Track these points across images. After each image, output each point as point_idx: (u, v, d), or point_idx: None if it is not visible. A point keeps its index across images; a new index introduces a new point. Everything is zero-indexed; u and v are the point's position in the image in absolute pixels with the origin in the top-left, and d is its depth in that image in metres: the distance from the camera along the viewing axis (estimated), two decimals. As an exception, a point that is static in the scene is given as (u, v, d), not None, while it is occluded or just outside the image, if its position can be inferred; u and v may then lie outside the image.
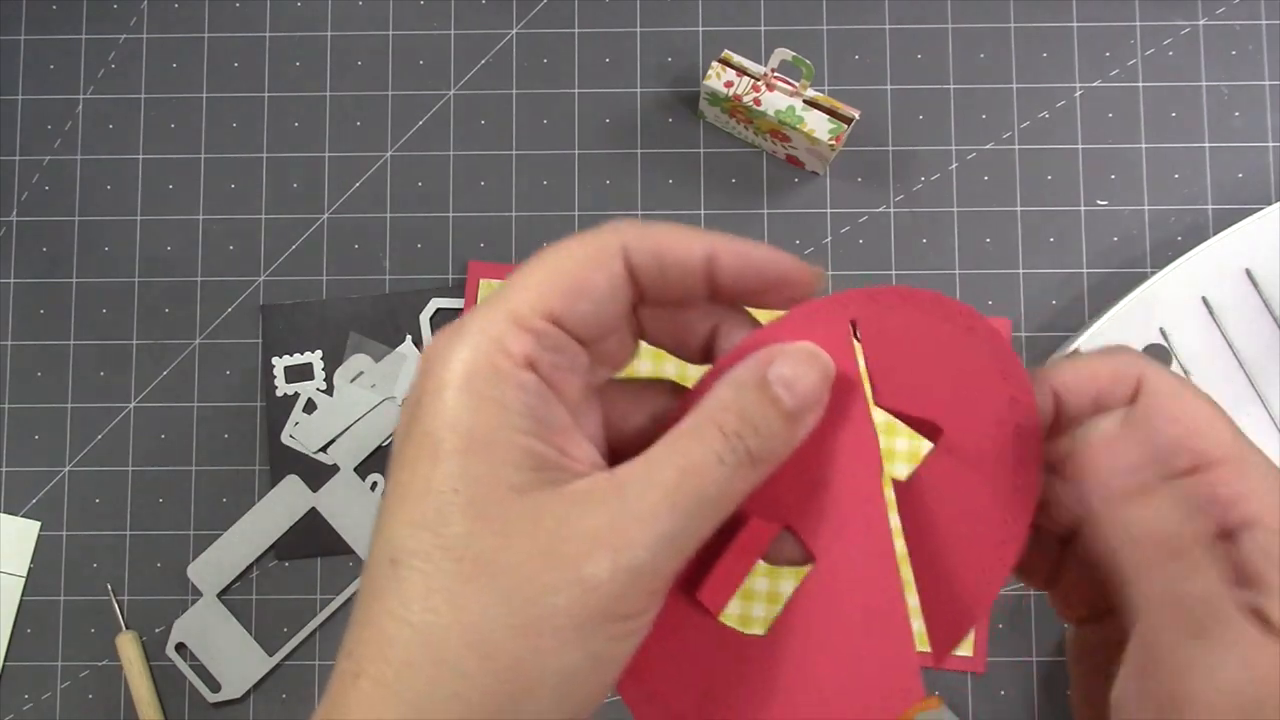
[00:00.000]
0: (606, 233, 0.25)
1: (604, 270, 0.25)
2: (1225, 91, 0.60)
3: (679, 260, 0.25)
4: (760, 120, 0.57)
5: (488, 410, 0.23)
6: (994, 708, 0.56)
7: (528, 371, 0.24)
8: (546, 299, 0.24)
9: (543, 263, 0.25)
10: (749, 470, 0.24)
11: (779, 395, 0.25)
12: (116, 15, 0.62)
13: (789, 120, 0.55)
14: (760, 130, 0.58)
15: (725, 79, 0.56)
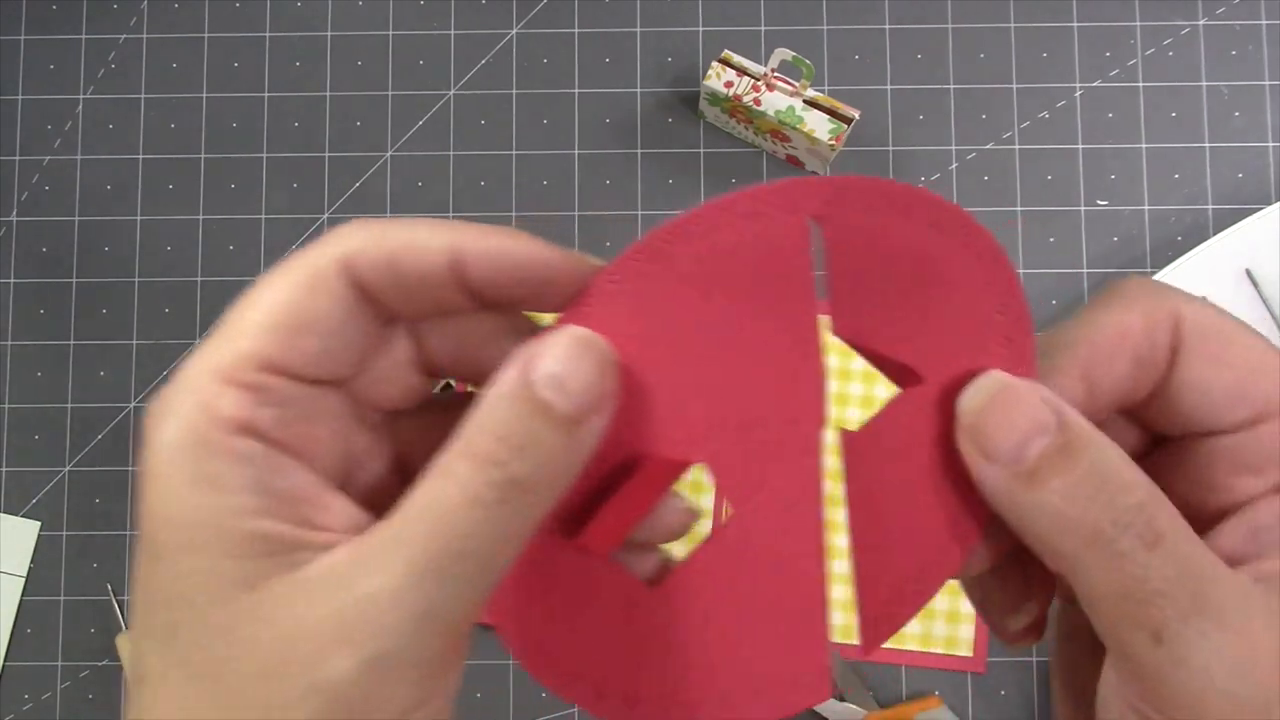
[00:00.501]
0: (323, 247, 0.21)
1: (324, 295, 0.20)
2: (1225, 91, 0.60)
3: (415, 267, 0.21)
4: (760, 120, 0.57)
5: (201, 494, 0.19)
6: (994, 708, 0.56)
7: (245, 439, 0.20)
8: (260, 344, 0.20)
9: (254, 298, 0.21)
10: (523, 503, 0.20)
11: (548, 400, 0.20)
12: (116, 15, 0.62)
13: (789, 120, 0.55)
14: (760, 130, 0.58)
15: (725, 79, 0.56)
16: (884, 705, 0.56)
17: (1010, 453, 0.20)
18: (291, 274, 0.20)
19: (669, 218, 0.21)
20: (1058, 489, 0.20)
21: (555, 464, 0.20)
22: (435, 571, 0.19)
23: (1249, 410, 0.21)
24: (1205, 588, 0.19)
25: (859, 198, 0.21)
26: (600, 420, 0.20)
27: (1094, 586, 0.20)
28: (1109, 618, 0.20)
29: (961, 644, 0.56)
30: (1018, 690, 0.57)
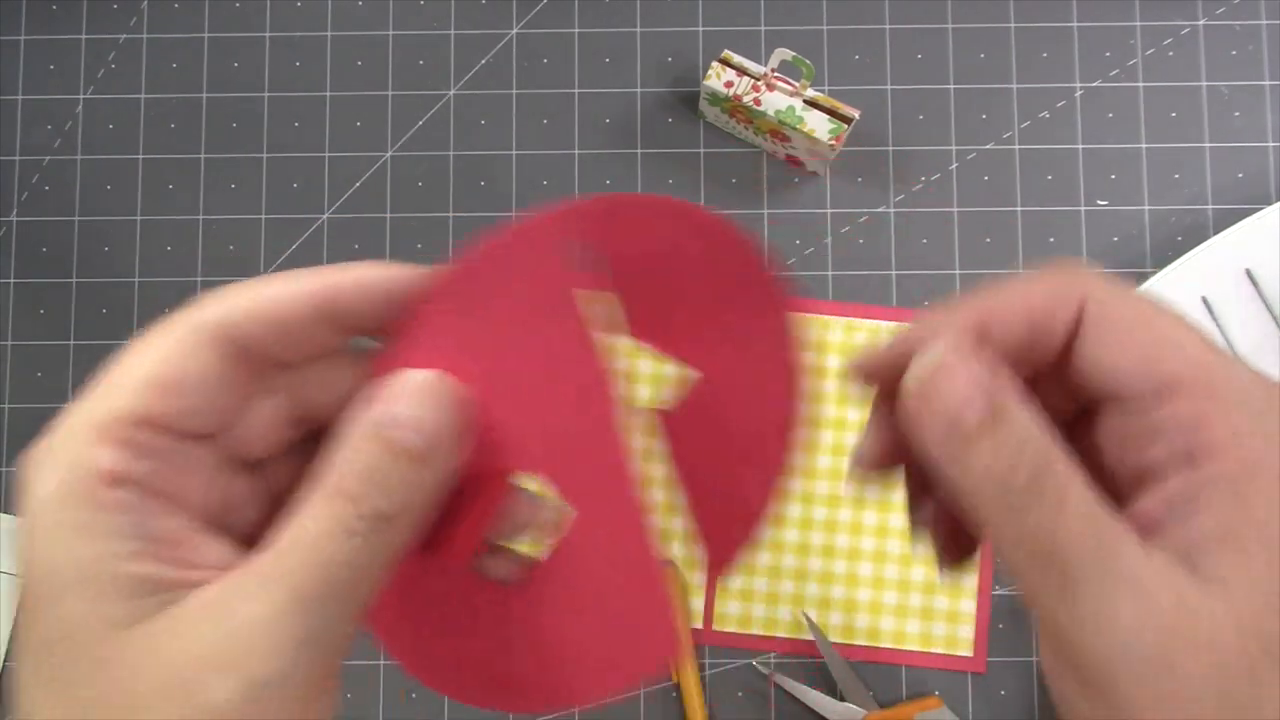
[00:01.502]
0: (198, 310, 0.22)
1: (195, 357, 0.22)
2: (1225, 91, 0.60)
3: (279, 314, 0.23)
4: (760, 120, 0.57)
5: (78, 543, 0.20)
6: (994, 708, 0.56)
7: (120, 489, 0.21)
8: (134, 401, 0.22)
9: (131, 358, 0.22)
10: (389, 532, 0.21)
11: (400, 439, 0.22)
12: (116, 15, 0.62)
13: (789, 120, 0.55)
14: (760, 130, 0.58)
15: (725, 79, 0.56)
16: (884, 705, 0.56)
17: (950, 415, 0.22)
18: (166, 336, 0.22)
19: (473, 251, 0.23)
20: (987, 448, 0.22)
21: (415, 496, 0.22)
22: (311, 599, 0.20)
23: (1153, 384, 0.23)
24: (1107, 550, 0.21)
25: (629, 213, 0.24)
26: (453, 454, 0.23)
27: (1010, 538, 0.22)
28: (1022, 569, 0.22)
29: (961, 644, 0.56)
30: (1018, 690, 0.57)
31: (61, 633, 0.20)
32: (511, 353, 0.24)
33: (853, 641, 0.56)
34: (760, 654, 0.57)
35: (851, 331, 0.58)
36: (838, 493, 0.57)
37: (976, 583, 0.57)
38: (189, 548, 0.22)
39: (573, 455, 0.25)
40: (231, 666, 0.20)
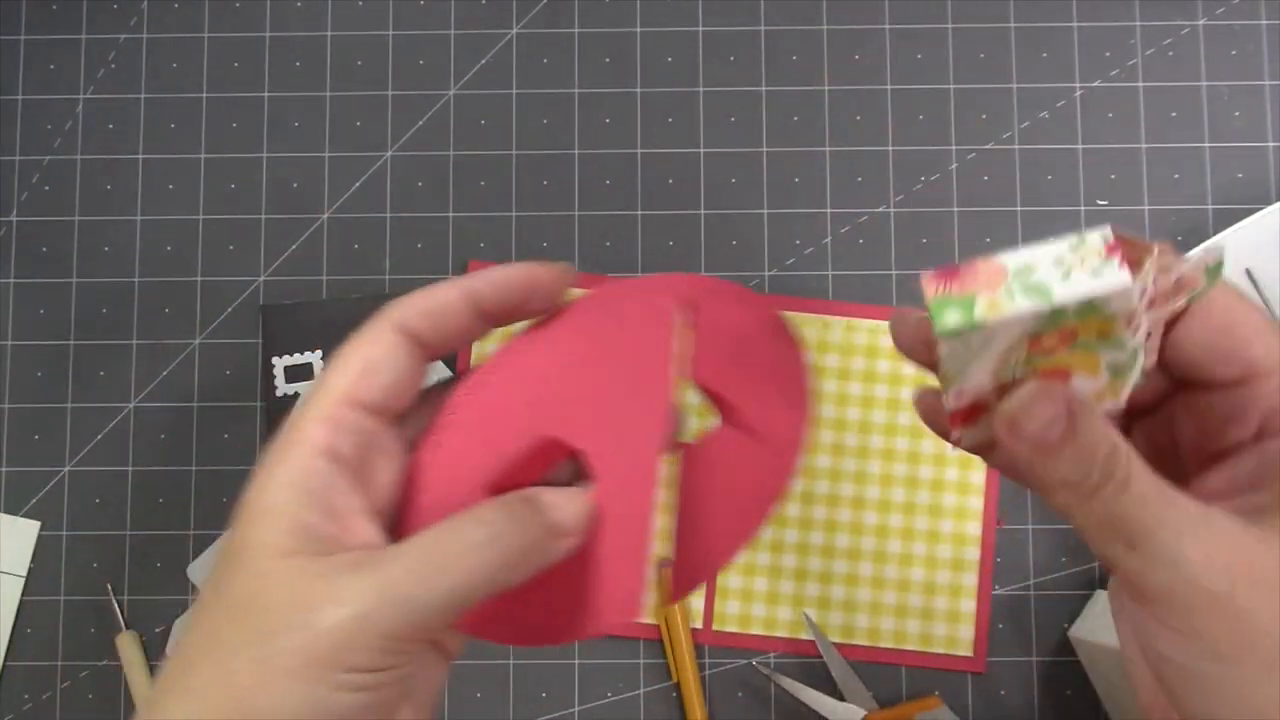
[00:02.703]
0: (379, 317, 0.30)
1: (380, 345, 0.29)
2: (1225, 91, 0.60)
3: (443, 309, 0.30)
4: (1075, 354, 0.28)
5: (278, 491, 0.27)
6: (994, 708, 0.56)
7: (322, 459, 0.28)
8: (340, 385, 0.29)
9: (335, 359, 0.29)
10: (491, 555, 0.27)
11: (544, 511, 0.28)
12: (116, 15, 0.62)
13: (1129, 363, 0.28)
14: (1029, 365, 0.28)
15: (1145, 283, 0.26)
16: (884, 705, 0.56)
17: (1035, 435, 0.27)
18: (360, 337, 0.29)
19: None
20: (1066, 458, 0.27)
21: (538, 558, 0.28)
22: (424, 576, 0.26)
23: (1236, 369, 0.27)
24: (1165, 511, 0.26)
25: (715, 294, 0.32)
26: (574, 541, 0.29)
27: (1086, 520, 0.27)
28: (1097, 541, 0.27)
29: (961, 644, 0.56)
30: (1018, 690, 0.57)
31: (235, 549, 0.27)
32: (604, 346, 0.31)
33: (853, 641, 0.56)
34: (760, 654, 0.57)
35: (851, 331, 0.58)
36: (838, 493, 0.57)
37: (976, 583, 0.57)
38: (351, 521, 0.28)
39: (616, 441, 0.30)
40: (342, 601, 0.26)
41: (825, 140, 0.60)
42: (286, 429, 0.28)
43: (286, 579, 0.26)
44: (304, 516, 0.27)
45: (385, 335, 0.29)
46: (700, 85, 0.61)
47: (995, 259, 0.26)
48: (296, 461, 0.28)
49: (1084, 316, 0.26)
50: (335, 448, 0.28)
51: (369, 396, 0.29)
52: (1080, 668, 0.56)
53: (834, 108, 0.60)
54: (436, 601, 0.26)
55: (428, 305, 0.30)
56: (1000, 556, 0.57)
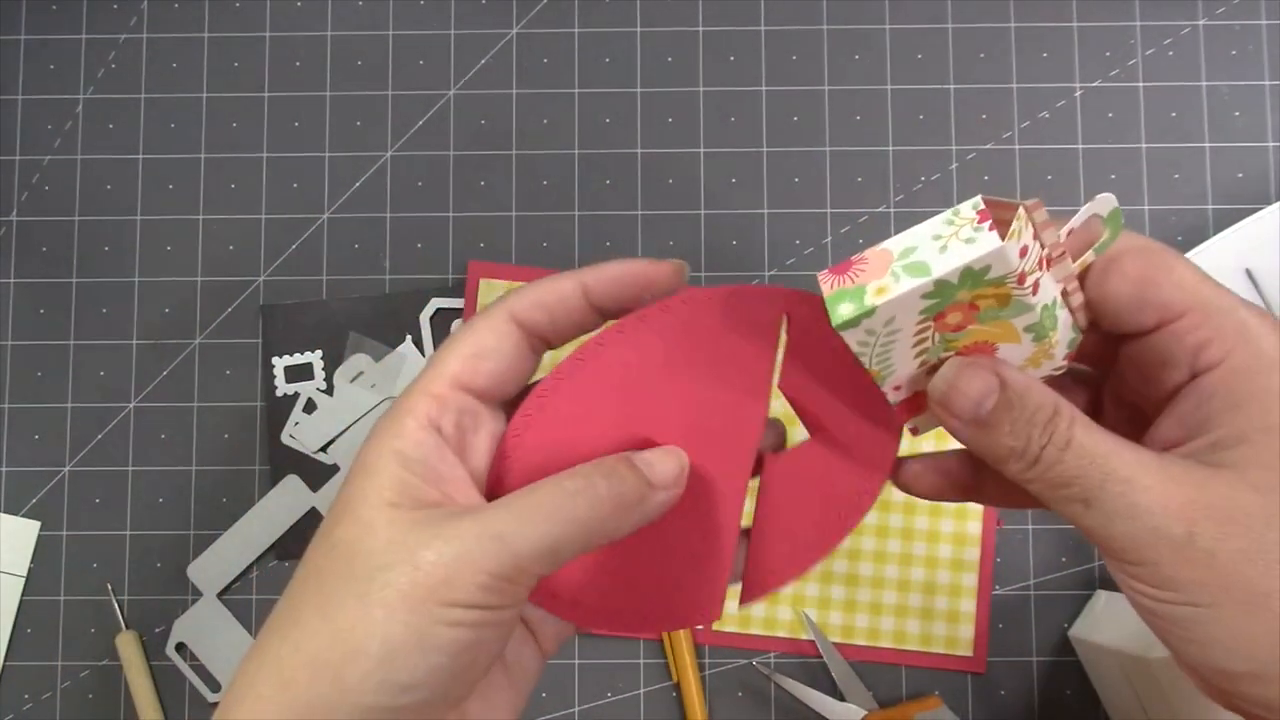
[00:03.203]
0: (495, 304, 0.31)
1: (494, 331, 0.30)
2: (1225, 91, 0.60)
3: (559, 300, 0.31)
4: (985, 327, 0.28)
5: (384, 455, 0.29)
6: (994, 708, 0.56)
7: (427, 431, 0.29)
8: (450, 366, 0.30)
9: (449, 341, 0.31)
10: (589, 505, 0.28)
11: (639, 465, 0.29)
12: (116, 15, 0.62)
13: (1045, 324, 0.28)
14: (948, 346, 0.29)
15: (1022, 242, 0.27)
16: (884, 705, 0.56)
17: (970, 412, 0.28)
18: (475, 322, 0.31)
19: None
20: (1005, 429, 0.27)
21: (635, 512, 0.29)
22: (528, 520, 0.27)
23: (1153, 314, 0.27)
24: (1110, 464, 0.26)
25: (814, 308, 0.32)
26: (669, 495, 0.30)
27: (1040, 485, 0.27)
28: (1055, 504, 0.27)
29: (961, 644, 0.56)
30: (1018, 690, 0.57)
31: (344, 500, 0.28)
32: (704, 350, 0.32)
33: (853, 641, 0.56)
34: (760, 654, 0.57)
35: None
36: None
37: (976, 583, 0.57)
38: (454, 488, 0.29)
39: (708, 448, 0.31)
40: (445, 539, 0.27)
41: (825, 140, 0.60)
42: (396, 403, 0.30)
43: (390, 525, 0.27)
44: (408, 478, 0.28)
45: (499, 323, 0.30)
46: (700, 85, 0.61)
47: (882, 245, 0.27)
48: (403, 431, 0.29)
49: (974, 286, 0.26)
50: (439, 422, 0.29)
51: (475, 381, 0.30)
52: (1080, 668, 0.56)
53: (834, 108, 0.60)
54: (536, 545, 0.27)
55: (543, 297, 0.31)
56: (1000, 556, 0.57)
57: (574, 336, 0.32)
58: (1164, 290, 0.27)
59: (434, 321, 0.59)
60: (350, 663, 0.26)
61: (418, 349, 0.59)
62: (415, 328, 0.59)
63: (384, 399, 0.59)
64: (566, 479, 0.28)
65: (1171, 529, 0.25)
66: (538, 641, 0.32)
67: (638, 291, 0.31)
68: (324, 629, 0.26)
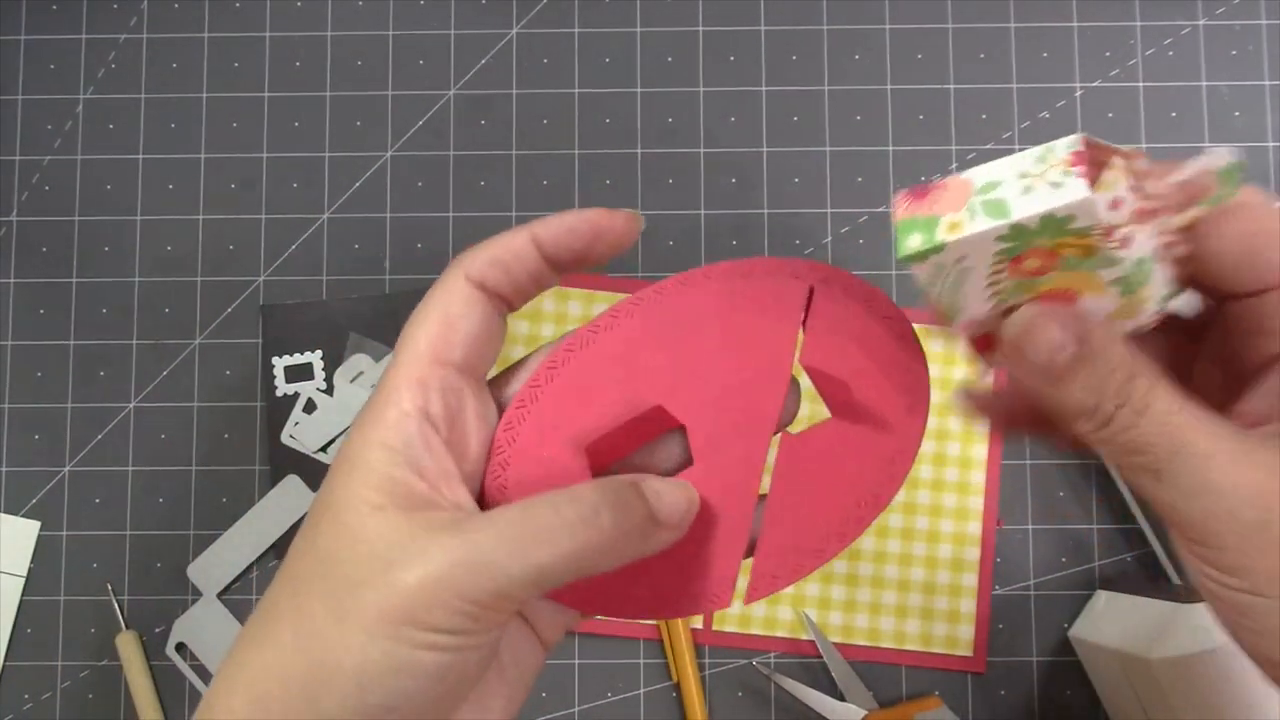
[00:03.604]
0: (450, 270, 0.29)
1: (457, 296, 0.29)
2: (1225, 91, 0.60)
3: (512, 254, 0.29)
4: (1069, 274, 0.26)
5: (369, 449, 0.27)
6: (994, 708, 0.56)
7: (412, 418, 0.27)
8: (423, 342, 0.28)
9: (415, 315, 0.29)
10: (587, 536, 0.26)
11: (648, 496, 0.27)
12: (116, 15, 0.62)
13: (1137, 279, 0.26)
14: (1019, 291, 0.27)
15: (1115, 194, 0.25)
16: (884, 705, 0.56)
17: (1043, 362, 0.26)
18: (433, 293, 0.29)
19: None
20: (1078, 385, 0.25)
21: (634, 548, 0.27)
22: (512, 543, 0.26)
23: (1258, 277, 0.26)
24: (1187, 435, 0.24)
25: (839, 283, 0.30)
26: (672, 537, 0.28)
27: (1109, 450, 0.26)
28: (1126, 473, 0.26)
29: (961, 644, 0.56)
30: (1018, 690, 0.57)
31: (326, 502, 0.27)
32: (722, 323, 0.30)
33: (853, 641, 0.56)
34: (760, 654, 0.57)
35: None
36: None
37: (976, 583, 0.57)
38: (443, 482, 0.28)
39: (724, 421, 0.30)
40: (427, 561, 0.25)
41: (825, 140, 0.60)
42: (378, 388, 0.28)
43: (372, 532, 0.26)
44: (395, 473, 0.27)
45: (459, 287, 0.29)
46: (700, 85, 0.61)
47: (964, 174, 0.25)
48: (389, 420, 0.27)
49: (1055, 233, 0.24)
50: (426, 407, 0.28)
51: (452, 353, 0.28)
52: (1080, 668, 0.56)
53: (834, 108, 0.60)
54: (522, 574, 0.25)
55: (495, 253, 0.29)
56: (1000, 556, 0.57)
57: (532, 295, 0.30)
58: (1273, 253, 0.25)
59: (434, 321, 0.59)
60: (325, 684, 0.25)
61: (418, 349, 0.59)
62: (415, 328, 0.59)
63: (384, 399, 0.58)
64: (567, 504, 0.26)
65: (1245, 512, 0.24)
66: (536, 633, 0.31)
67: (591, 241, 0.29)
68: (299, 646, 0.25)
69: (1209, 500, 0.24)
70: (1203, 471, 0.24)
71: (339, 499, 0.27)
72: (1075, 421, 0.26)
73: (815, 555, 0.30)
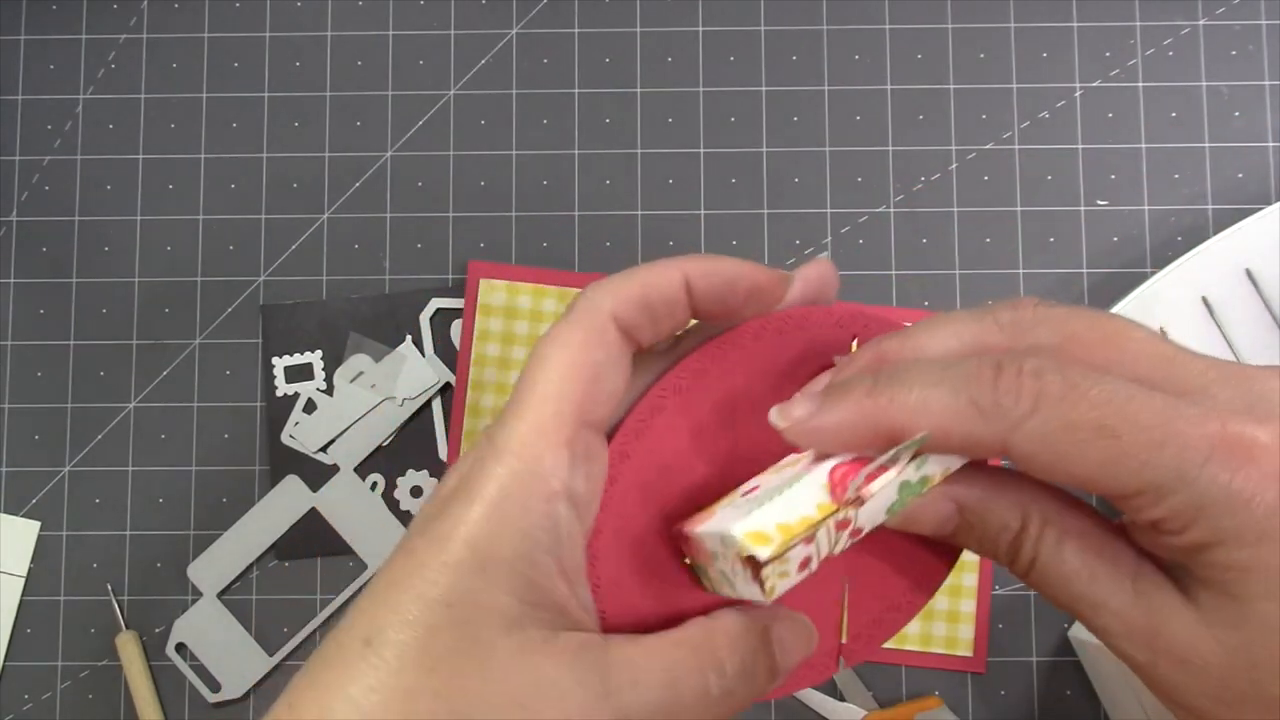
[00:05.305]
0: (590, 303, 0.25)
1: (604, 344, 0.24)
2: (1225, 91, 0.60)
3: (662, 299, 0.25)
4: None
5: (508, 536, 0.23)
6: (994, 708, 0.56)
7: (561, 503, 0.23)
8: (573, 401, 0.24)
9: (552, 359, 0.24)
10: (719, 709, 0.24)
11: (775, 654, 0.25)
12: (116, 15, 0.62)
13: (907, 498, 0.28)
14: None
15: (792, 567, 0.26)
16: (884, 705, 0.56)
17: (936, 531, 0.26)
18: (572, 331, 0.24)
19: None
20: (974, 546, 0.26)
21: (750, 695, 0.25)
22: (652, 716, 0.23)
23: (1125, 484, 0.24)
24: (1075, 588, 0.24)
25: (879, 326, 0.28)
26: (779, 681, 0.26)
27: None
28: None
29: (961, 644, 0.56)
30: (1018, 690, 0.57)
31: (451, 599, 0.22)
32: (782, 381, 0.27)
33: (853, 641, 0.56)
34: (760, 654, 0.57)
35: (851, 331, 0.58)
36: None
37: (976, 583, 0.57)
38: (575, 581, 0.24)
39: None
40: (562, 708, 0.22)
41: (825, 140, 0.60)
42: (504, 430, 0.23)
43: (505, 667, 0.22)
44: (535, 577, 0.23)
45: (606, 333, 0.24)
46: (700, 85, 0.61)
47: (698, 531, 0.25)
48: (535, 505, 0.23)
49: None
50: (574, 487, 0.24)
51: (597, 412, 0.24)
52: (1080, 668, 0.56)
53: (834, 108, 0.60)
54: None
55: (645, 294, 0.25)
56: (1000, 556, 0.57)
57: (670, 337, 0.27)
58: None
59: (434, 321, 0.59)
60: None
61: (418, 349, 0.59)
62: (415, 328, 0.59)
63: (384, 399, 0.59)
64: (714, 677, 0.24)
65: (1136, 656, 0.24)
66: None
67: (744, 299, 0.26)
68: None
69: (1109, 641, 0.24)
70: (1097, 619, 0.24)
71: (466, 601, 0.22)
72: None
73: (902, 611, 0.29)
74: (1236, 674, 0.22)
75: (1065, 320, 0.24)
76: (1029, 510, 0.25)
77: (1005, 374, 0.22)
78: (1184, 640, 0.23)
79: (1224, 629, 0.22)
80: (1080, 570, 0.24)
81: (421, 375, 0.59)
